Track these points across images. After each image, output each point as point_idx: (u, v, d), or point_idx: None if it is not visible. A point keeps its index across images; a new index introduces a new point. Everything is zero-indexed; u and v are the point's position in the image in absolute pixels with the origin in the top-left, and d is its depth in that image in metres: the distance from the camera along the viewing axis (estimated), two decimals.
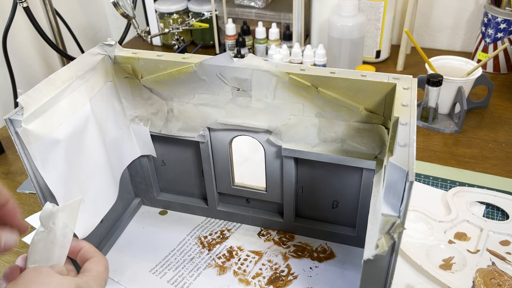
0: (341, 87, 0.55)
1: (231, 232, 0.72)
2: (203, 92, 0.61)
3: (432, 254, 0.66)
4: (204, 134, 0.64)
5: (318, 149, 0.60)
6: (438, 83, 0.89)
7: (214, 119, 0.63)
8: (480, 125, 0.95)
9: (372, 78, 0.54)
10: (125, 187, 0.74)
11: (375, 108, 0.55)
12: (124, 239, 0.72)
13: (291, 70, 0.56)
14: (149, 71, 0.61)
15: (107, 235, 0.70)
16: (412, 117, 0.46)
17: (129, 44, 1.39)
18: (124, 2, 1.06)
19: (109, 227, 0.71)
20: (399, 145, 0.42)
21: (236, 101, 0.61)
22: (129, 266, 0.67)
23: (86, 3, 1.39)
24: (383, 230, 0.42)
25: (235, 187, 0.71)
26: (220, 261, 0.67)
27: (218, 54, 0.58)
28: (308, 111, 0.58)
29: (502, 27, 1.06)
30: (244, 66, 0.57)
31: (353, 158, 0.59)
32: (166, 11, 1.29)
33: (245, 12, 1.21)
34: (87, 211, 0.59)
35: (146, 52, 0.62)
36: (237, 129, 0.63)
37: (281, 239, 0.71)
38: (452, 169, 0.83)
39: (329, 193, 0.66)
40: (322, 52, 1.07)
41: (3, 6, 1.10)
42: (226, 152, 0.67)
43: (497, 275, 0.63)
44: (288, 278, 0.64)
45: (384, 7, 1.11)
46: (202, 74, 0.59)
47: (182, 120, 0.65)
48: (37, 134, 0.50)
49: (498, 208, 0.74)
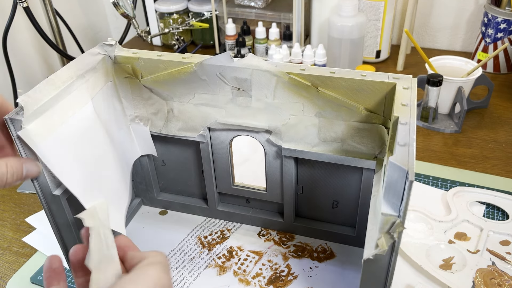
0: (341, 87, 0.55)
1: (231, 232, 0.72)
2: (203, 92, 0.61)
3: (432, 254, 0.66)
4: (204, 134, 0.64)
5: (318, 149, 0.60)
6: (438, 83, 0.89)
7: (214, 119, 0.63)
8: (480, 125, 0.95)
9: (372, 78, 0.54)
10: None
11: (375, 108, 0.55)
12: None
13: (291, 70, 0.56)
14: (149, 71, 0.61)
15: None
16: (412, 117, 0.46)
17: (129, 44, 1.39)
18: (124, 2, 1.06)
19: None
20: (399, 144, 0.42)
21: (236, 101, 0.61)
22: None
23: (86, 3, 1.39)
24: (383, 230, 0.43)
25: (235, 187, 0.71)
26: (220, 261, 0.67)
27: (218, 54, 0.57)
28: (308, 111, 0.58)
29: (502, 27, 1.06)
30: (244, 66, 0.57)
31: (353, 158, 0.59)
32: (166, 11, 1.29)
33: (245, 12, 1.21)
34: (112, 210, 0.57)
35: (146, 52, 0.62)
36: (237, 129, 0.63)
37: (281, 239, 0.71)
38: (452, 169, 0.83)
39: (329, 193, 0.66)
40: (322, 52, 1.07)
41: (3, 6, 1.10)
42: (226, 152, 0.67)
43: (497, 275, 0.63)
44: (288, 278, 0.64)
45: (384, 7, 1.11)
46: (202, 74, 0.59)
47: (182, 120, 0.65)
48: (38, 133, 0.49)
49: (498, 208, 0.74)
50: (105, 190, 0.57)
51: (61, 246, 0.61)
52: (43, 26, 1.02)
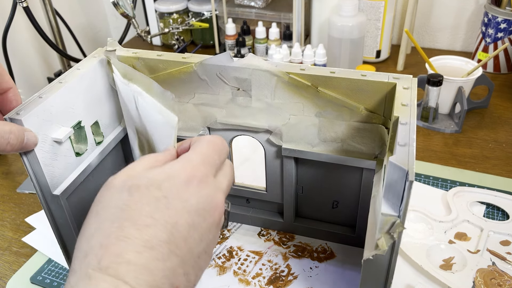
0: (341, 86, 0.55)
1: (231, 232, 0.72)
2: (203, 92, 0.61)
3: (432, 254, 0.66)
4: (204, 134, 0.64)
5: (318, 149, 0.60)
6: (438, 83, 0.89)
7: (214, 119, 0.63)
8: (480, 125, 0.95)
9: (372, 77, 0.54)
10: None
11: (375, 108, 0.55)
12: None
13: (291, 70, 0.56)
14: (149, 71, 0.61)
15: None
16: (412, 117, 0.46)
17: (129, 44, 1.39)
18: (124, 2, 1.06)
19: None
20: (399, 144, 0.42)
21: (236, 101, 0.60)
22: None
23: (86, 3, 1.39)
24: (383, 230, 0.42)
25: (235, 187, 0.71)
26: (220, 261, 0.67)
27: (218, 53, 0.57)
28: (308, 111, 0.58)
29: (502, 27, 1.06)
30: (244, 66, 0.57)
31: (353, 158, 0.59)
32: (166, 11, 1.29)
33: (245, 12, 1.21)
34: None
35: (146, 52, 0.61)
36: (237, 129, 0.63)
37: (281, 239, 0.71)
38: (453, 169, 0.83)
39: (329, 193, 0.66)
40: (322, 52, 1.07)
41: (3, 6, 1.09)
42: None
43: (498, 275, 0.62)
44: (288, 278, 0.64)
45: (384, 7, 1.11)
46: (202, 74, 0.59)
47: (182, 119, 0.64)
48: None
49: (498, 208, 0.74)
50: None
51: (61, 246, 0.60)
52: (43, 26, 1.02)
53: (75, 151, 0.57)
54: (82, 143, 0.58)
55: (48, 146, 0.53)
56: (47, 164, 0.53)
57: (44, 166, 0.52)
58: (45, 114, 0.51)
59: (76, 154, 0.57)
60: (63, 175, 0.56)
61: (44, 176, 0.53)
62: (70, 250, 0.61)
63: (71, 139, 0.56)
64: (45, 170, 0.52)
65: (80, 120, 0.57)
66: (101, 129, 0.61)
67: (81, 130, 0.58)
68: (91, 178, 0.61)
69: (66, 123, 0.55)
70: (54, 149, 0.53)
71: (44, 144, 0.52)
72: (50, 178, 0.54)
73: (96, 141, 0.61)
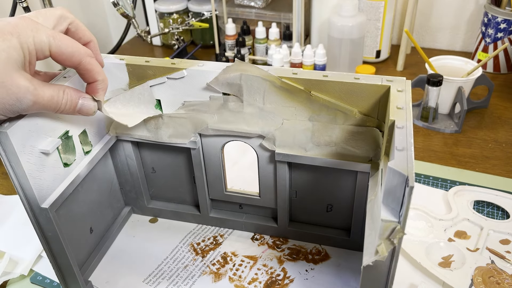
0: (334, 90, 0.54)
1: (224, 237, 0.72)
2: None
3: (431, 251, 0.66)
4: (195, 140, 0.63)
5: (311, 153, 0.60)
6: (438, 83, 0.88)
7: (206, 125, 0.62)
8: (480, 125, 0.94)
9: (365, 80, 0.53)
10: (114, 195, 0.71)
11: (369, 111, 0.55)
12: (115, 249, 0.70)
13: (283, 74, 0.55)
14: (138, 77, 0.60)
15: (98, 245, 0.68)
16: (408, 120, 0.45)
17: (129, 44, 1.39)
18: (124, 2, 1.06)
19: (99, 237, 0.68)
20: (397, 149, 0.42)
21: (228, 106, 0.60)
22: (122, 277, 0.66)
23: (86, 3, 1.39)
24: (382, 236, 0.42)
25: (228, 193, 0.69)
26: (214, 268, 0.67)
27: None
28: (301, 115, 0.57)
29: (502, 27, 1.05)
30: (234, 71, 0.56)
31: (347, 161, 0.58)
32: (166, 11, 1.28)
33: (245, 12, 1.20)
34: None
35: (134, 58, 0.60)
36: (229, 134, 0.62)
37: (275, 243, 0.70)
38: (452, 169, 0.82)
39: (323, 197, 0.65)
40: (322, 52, 1.07)
41: (3, 6, 1.10)
42: (218, 158, 0.65)
43: (496, 273, 0.62)
44: (285, 282, 0.64)
45: (384, 7, 1.10)
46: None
47: (172, 126, 0.63)
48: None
49: (498, 207, 0.74)
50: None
51: (51, 259, 0.59)
52: None
53: (63, 162, 0.56)
54: (70, 154, 0.57)
55: (35, 158, 0.51)
56: (35, 177, 0.51)
57: (31, 178, 0.51)
58: (30, 125, 0.50)
59: (64, 165, 0.56)
60: (51, 187, 0.54)
61: (31, 189, 0.51)
62: (61, 263, 0.60)
63: (59, 149, 0.55)
64: (32, 183, 0.51)
65: (68, 130, 0.55)
66: (89, 138, 0.60)
67: (69, 140, 0.56)
68: (80, 189, 0.61)
69: (53, 134, 0.53)
70: (41, 160, 0.52)
71: (31, 156, 0.50)
72: (37, 190, 0.52)
73: (85, 151, 0.60)
